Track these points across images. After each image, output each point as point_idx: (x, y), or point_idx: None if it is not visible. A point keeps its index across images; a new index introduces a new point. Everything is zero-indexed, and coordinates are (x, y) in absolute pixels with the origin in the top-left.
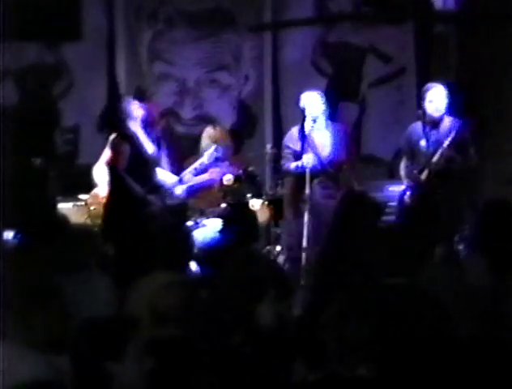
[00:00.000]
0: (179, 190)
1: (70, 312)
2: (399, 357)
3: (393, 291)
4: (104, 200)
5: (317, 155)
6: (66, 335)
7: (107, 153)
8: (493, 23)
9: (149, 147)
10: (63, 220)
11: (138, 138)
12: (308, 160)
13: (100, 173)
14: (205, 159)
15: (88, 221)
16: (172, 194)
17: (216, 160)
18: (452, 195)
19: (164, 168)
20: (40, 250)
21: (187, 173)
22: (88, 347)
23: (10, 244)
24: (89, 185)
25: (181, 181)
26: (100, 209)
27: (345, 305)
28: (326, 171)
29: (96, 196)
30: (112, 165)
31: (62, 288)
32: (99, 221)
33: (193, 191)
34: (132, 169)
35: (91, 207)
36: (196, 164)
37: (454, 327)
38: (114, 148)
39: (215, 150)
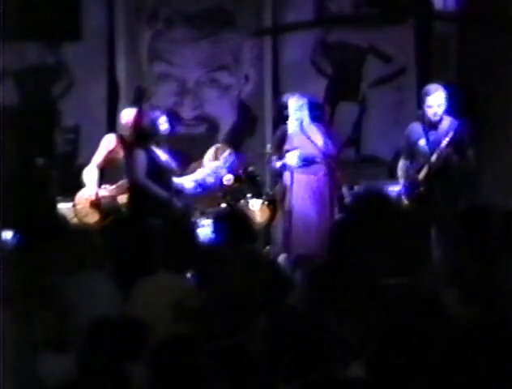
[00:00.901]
0: (211, 180)
1: (70, 312)
2: (397, 357)
3: (391, 291)
4: (89, 200)
5: (300, 153)
6: (66, 334)
7: (99, 155)
8: (493, 23)
9: (162, 155)
10: (63, 219)
11: (152, 148)
12: (291, 158)
13: (90, 175)
14: (221, 163)
15: (75, 220)
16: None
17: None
18: (451, 195)
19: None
20: (39, 249)
21: (207, 177)
22: (102, 347)
23: (10, 244)
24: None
25: (200, 186)
26: (86, 208)
27: (345, 305)
28: (310, 167)
29: (82, 196)
30: (129, 173)
31: (62, 288)
32: (85, 220)
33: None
34: (151, 177)
35: (78, 206)
36: (213, 168)
37: (451, 327)
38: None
39: (230, 154)
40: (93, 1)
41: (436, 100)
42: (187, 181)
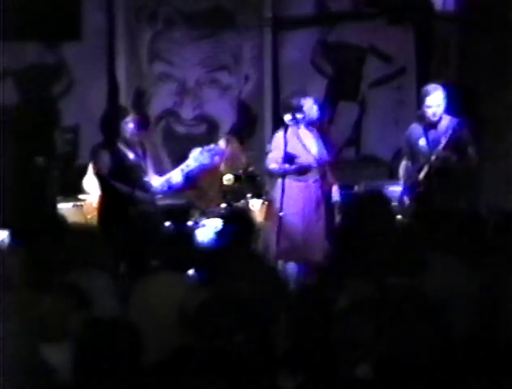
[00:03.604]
0: (178, 178)
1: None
2: (400, 357)
3: (394, 291)
4: (97, 208)
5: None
6: (67, 335)
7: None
8: (493, 24)
9: (129, 154)
10: (63, 219)
11: (119, 146)
12: (304, 161)
13: (91, 183)
14: (191, 161)
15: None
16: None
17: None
18: (451, 195)
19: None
20: (39, 249)
21: (174, 175)
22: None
23: (9, 244)
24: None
25: (168, 183)
26: (96, 217)
27: (349, 304)
28: (315, 170)
29: (90, 205)
30: (97, 173)
31: (61, 288)
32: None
33: (191, 177)
34: (116, 175)
35: (88, 216)
36: (183, 166)
37: (454, 327)
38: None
39: (201, 152)
40: (93, 1)
41: (435, 99)
42: (156, 180)
